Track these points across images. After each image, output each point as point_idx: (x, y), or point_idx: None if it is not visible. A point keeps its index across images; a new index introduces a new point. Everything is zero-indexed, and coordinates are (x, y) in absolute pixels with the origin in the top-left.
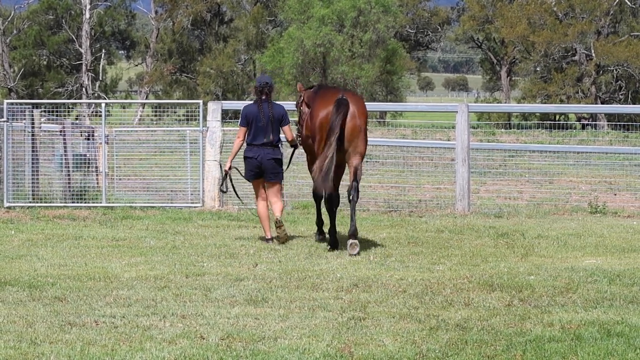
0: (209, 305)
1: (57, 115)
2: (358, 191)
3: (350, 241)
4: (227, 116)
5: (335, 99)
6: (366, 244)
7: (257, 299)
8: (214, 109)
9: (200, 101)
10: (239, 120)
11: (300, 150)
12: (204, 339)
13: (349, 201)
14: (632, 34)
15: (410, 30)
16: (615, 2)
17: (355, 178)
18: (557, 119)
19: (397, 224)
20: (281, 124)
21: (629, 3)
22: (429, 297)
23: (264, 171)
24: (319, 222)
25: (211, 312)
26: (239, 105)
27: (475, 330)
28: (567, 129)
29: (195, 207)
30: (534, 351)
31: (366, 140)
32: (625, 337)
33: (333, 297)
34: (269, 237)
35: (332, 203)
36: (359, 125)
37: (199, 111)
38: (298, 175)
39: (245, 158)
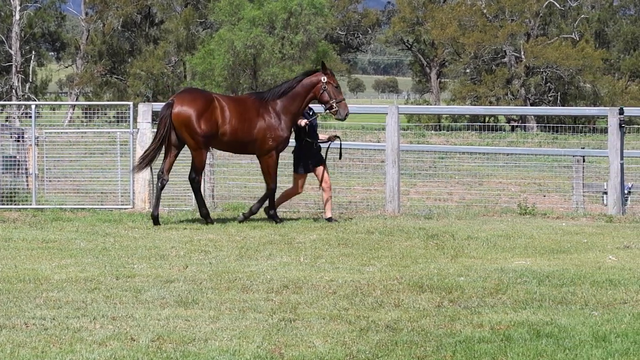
0: (139, 306)
1: None
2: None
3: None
4: (157, 118)
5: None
6: (296, 246)
7: (187, 301)
8: (145, 110)
9: (131, 103)
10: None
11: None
12: (134, 340)
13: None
14: (561, 35)
15: (341, 32)
16: (545, 4)
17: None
18: (486, 120)
19: (327, 226)
20: None
21: (558, 5)
22: (359, 299)
23: None
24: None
25: (142, 314)
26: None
27: (406, 331)
28: (496, 130)
29: (125, 208)
30: (464, 352)
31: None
32: (555, 338)
33: (263, 299)
34: None
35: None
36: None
37: (129, 113)
38: (228, 177)
39: None
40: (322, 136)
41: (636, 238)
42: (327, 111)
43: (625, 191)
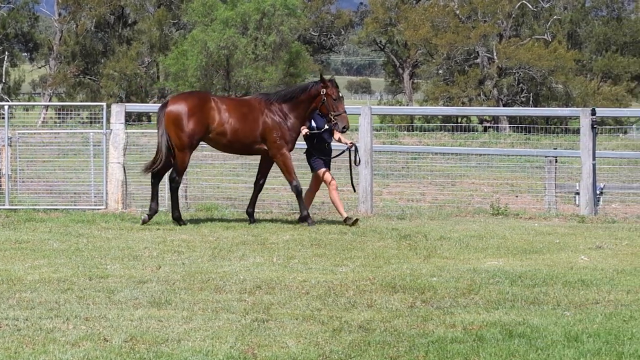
0: (112, 307)
1: None
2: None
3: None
4: (130, 118)
5: None
6: (269, 246)
7: (160, 301)
8: (118, 111)
9: (104, 104)
10: None
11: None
12: (107, 341)
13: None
14: (533, 36)
15: (314, 33)
16: (517, 5)
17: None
18: (459, 121)
19: (300, 226)
20: None
21: (530, 6)
22: (332, 299)
23: None
24: None
25: (115, 315)
26: (142, 107)
27: (378, 331)
28: (469, 131)
29: (98, 209)
30: (437, 352)
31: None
32: (527, 338)
33: (236, 299)
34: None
35: None
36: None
37: (102, 114)
38: (202, 178)
39: None
40: (344, 140)
41: (608, 238)
42: (328, 122)
43: (598, 192)
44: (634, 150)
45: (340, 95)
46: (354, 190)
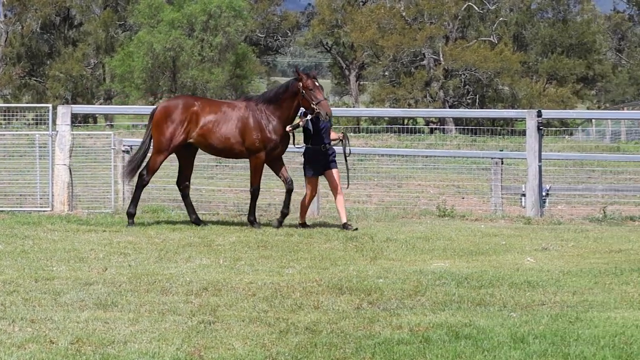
0: (58, 309)
1: None
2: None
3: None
4: (76, 120)
5: None
6: (216, 248)
7: (106, 303)
8: (64, 112)
9: (50, 105)
10: None
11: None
12: (53, 343)
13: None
14: (479, 38)
15: (260, 35)
16: (464, 7)
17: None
18: (405, 123)
19: (246, 228)
20: None
21: (476, 8)
22: (278, 301)
23: None
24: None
25: (61, 317)
26: (88, 109)
27: (325, 333)
28: (415, 133)
29: (44, 211)
30: (383, 354)
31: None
32: (473, 340)
33: (183, 301)
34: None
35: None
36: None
37: (48, 115)
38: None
39: None
40: (333, 135)
41: (554, 240)
42: (312, 115)
43: (544, 193)
44: (579, 152)
45: (317, 84)
46: (347, 186)
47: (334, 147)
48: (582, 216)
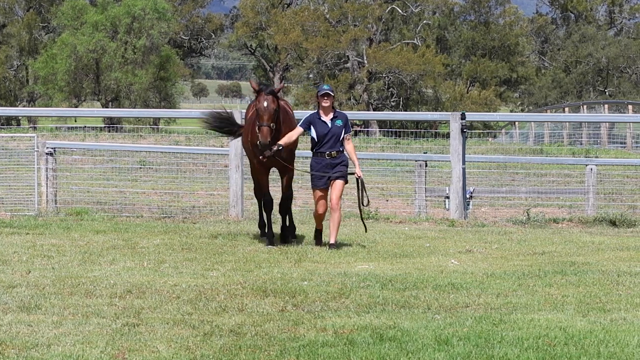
0: None
1: None
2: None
3: None
4: None
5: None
6: (140, 251)
7: (30, 306)
8: None
9: None
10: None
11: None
12: None
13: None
14: (403, 41)
15: (184, 37)
16: (387, 10)
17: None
18: None
19: (170, 230)
20: None
21: (400, 11)
22: (202, 303)
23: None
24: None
25: None
26: (11, 111)
27: (249, 335)
28: None
29: None
30: (308, 356)
31: None
32: (398, 342)
33: (107, 304)
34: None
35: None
36: None
37: None
38: (71, 182)
39: None
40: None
41: (478, 242)
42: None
43: (467, 195)
44: (503, 154)
45: (265, 105)
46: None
47: (344, 155)
48: (505, 218)
